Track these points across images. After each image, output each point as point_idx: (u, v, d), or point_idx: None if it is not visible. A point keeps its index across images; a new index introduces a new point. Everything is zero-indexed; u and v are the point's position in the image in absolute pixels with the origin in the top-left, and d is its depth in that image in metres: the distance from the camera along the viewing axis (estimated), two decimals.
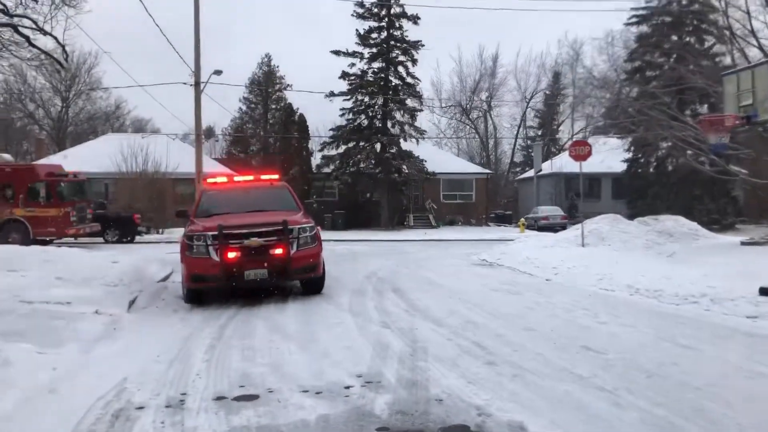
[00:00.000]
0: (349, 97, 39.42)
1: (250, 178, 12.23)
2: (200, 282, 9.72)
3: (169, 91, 56.17)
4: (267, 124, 50.26)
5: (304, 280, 10.48)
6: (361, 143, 39.24)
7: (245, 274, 9.59)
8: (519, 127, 59.39)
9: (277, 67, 50.43)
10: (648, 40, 35.38)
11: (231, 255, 9.54)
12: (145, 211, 30.67)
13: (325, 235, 32.35)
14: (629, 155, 37.72)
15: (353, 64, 39.43)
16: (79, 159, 39.20)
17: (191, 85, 30.80)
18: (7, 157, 26.88)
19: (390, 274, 13.48)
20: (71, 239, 24.09)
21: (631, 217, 22.54)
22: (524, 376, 5.55)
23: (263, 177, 12.18)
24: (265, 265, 9.65)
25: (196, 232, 9.80)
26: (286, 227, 9.72)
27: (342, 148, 39.50)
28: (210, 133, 55.98)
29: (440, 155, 45.76)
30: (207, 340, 7.41)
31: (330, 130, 40.20)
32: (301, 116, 41.22)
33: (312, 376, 5.71)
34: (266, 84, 50.48)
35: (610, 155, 33.65)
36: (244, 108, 50.79)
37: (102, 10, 20.73)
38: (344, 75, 39.30)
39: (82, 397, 5.04)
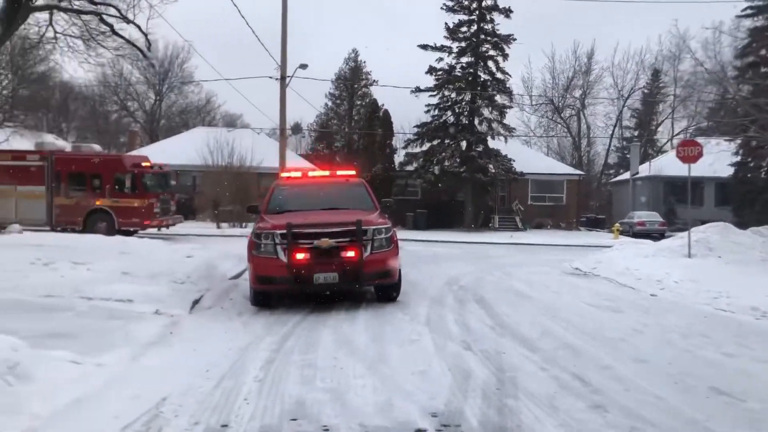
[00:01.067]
0: (435, 92, 38.34)
1: (326, 173, 11.43)
2: (266, 284, 8.97)
3: (257, 87, 56.69)
4: (351, 120, 49.92)
5: (378, 286, 9.55)
6: (447, 141, 38.08)
7: (314, 277, 8.76)
8: (614, 127, 56.38)
9: (364, 62, 49.99)
10: (763, 33, 32.38)
11: (299, 256, 8.73)
12: (227, 203, 30.77)
13: (405, 234, 31.51)
14: (737, 159, 34.77)
15: (441, 59, 38.31)
16: (168, 151, 40.06)
17: (277, 79, 30.64)
18: (96, 147, 27.44)
19: (473, 282, 12.37)
20: (154, 230, 24.28)
21: (737, 226, 20.37)
22: None
23: (339, 173, 11.35)
24: (336, 268, 8.79)
25: (264, 230, 9.05)
26: (359, 228, 8.82)
27: (426, 146, 38.49)
28: (297, 128, 56.30)
29: (529, 154, 43.90)
30: (265, 353, 6.59)
31: (414, 126, 39.23)
32: (386, 112, 40.48)
33: (377, 411, 4.75)
34: (352, 80, 50.14)
35: (715, 158, 31.05)
36: (329, 104, 50.67)
37: (190, 1, 20.56)
38: (431, 70, 38.24)
39: (102, 427, 4.28)
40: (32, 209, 23.65)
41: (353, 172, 11.50)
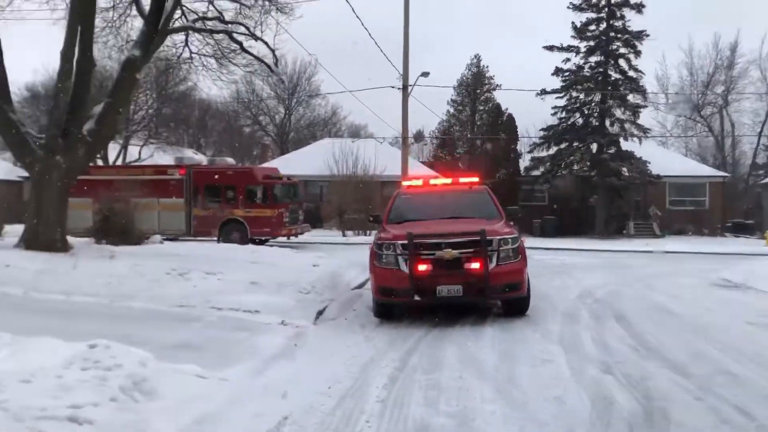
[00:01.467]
0: (562, 94, 36.93)
1: (448, 181, 11.06)
2: (388, 295, 8.73)
3: (380, 97, 57.26)
4: (474, 126, 49.23)
5: (506, 300, 9.03)
6: (575, 143, 36.54)
7: (437, 290, 8.41)
8: (763, 125, 51.70)
9: (486, 67, 49.16)
10: None
11: (422, 267, 8.42)
12: (352, 212, 31.20)
13: (532, 242, 30.45)
14: None
15: (567, 59, 36.85)
16: (296, 162, 41.40)
17: (399, 89, 30.74)
18: (230, 160, 28.75)
19: (609, 295, 11.49)
20: (284, 238, 25.01)
21: None
22: None
23: (462, 180, 10.95)
24: (460, 280, 8.40)
25: (386, 240, 8.83)
26: (484, 238, 8.37)
27: (553, 150, 37.12)
28: (419, 136, 56.37)
29: (666, 156, 41.10)
30: (388, 369, 6.32)
31: (540, 130, 37.94)
32: (510, 116, 39.55)
33: None
34: (474, 85, 49.45)
35: None
36: (451, 110, 50.26)
37: (313, 16, 20.97)
38: (557, 71, 36.86)
39: None
40: (173, 220, 25.13)
41: (476, 179, 11.07)
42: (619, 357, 6.68)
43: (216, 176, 25.13)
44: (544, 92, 37.04)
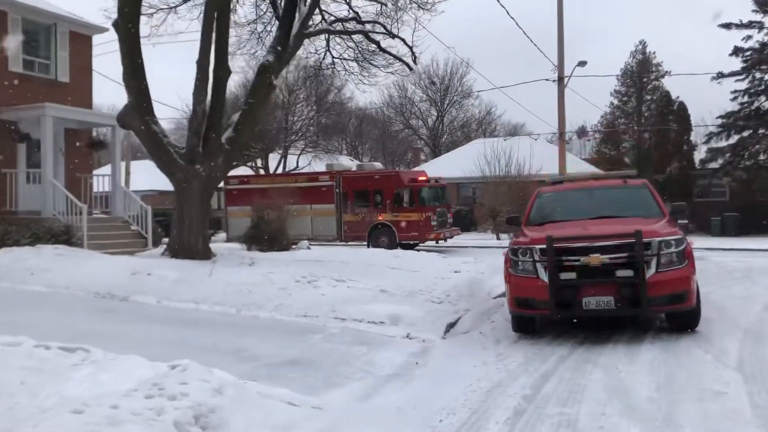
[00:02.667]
0: (743, 76, 32.95)
1: (599, 176, 9.74)
2: (526, 308, 7.68)
3: (537, 93, 54.99)
4: (641, 117, 45.56)
5: (669, 314, 7.60)
6: (761, 131, 32.42)
7: (583, 301, 7.23)
8: None
9: (653, 53, 45.35)
10: None
11: (564, 276, 7.28)
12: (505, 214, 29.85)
13: (709, 242, 27.35)
14: None
15: (749, 37, 32.83)
16: (449, 165, 40.80)
17: (554, 81, 29.17)
18: (378, 165, 28.70)
19: None
20: (433, 242, 24.44)
21: None
22: None
23: (615, 174, 9.58)
24: (611, 291, 7.16)
25: (522, 244, 7.79)
26: (639, 240, 7.06)
27: (734, 138, 33.23)
28: (582, 132, 53.45)
29: None
30: (514, 400, 5.35)
31: (717, 117, 34.02)
32: (681, 104, 36.03)
33: None
34: (640, 73, 45.80)
35: None
36: (615, 102, 46.92)
37: (460, 12, 20.22)
38: (736, 51, 32.93)
39: None
40: (324, 225, 25.53)
41: (633, 173, 9.64)
42: None
43: (364, 181, 25.16)
44: (721, 75, 33.28)
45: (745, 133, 32.92)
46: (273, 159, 38.49)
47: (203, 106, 11.88)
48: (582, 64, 28.07)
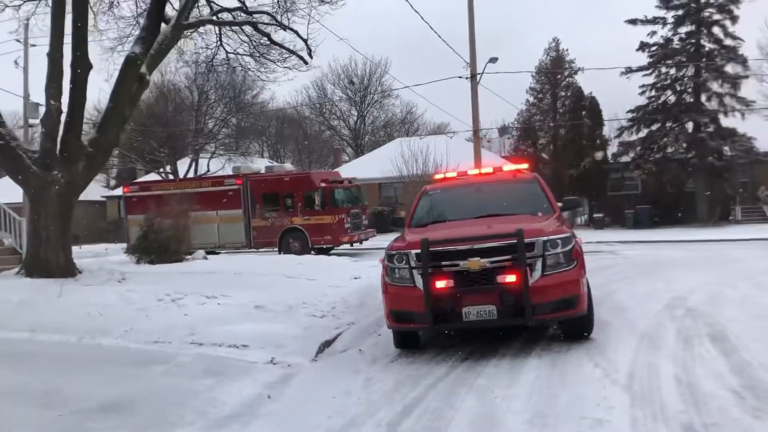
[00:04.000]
0: (650, 71, 33.52)
1: (488, 170, 9.00)
2: (404, 322, 6.80)
3: (457, 92, 54.75)
4: (556, 113, 46.05)
5: (559, 321, 6.87)
6: (668, 124, 33.08)
7: (463, 312, 6.40)
8: None
9: (566, 50, 45.87)
10: None
11: (441, 284, 6.43)
12: None
13: (623, 235, 27.51)
14: None
15: (653, 32, 33.43)
16: (369, 165, 40.04)
17: (467, 78, 28.75)
18: (288, 166, 27.56)
19: (707, 301, 9.03)
20: (348, 246, 23.52)
21: None
22: None
23: (507, 168, 8.87)
24: (493, 298, 6.35)
25: (398, 249, 6.90)
26: (521, 240, 6.29)
27: (643, 132, 33.77)
28: (504, 130, 53.80)
29: None
30: None
31: (627, 112, 34.47)
32: (593, 100, 36.41)
33: None
34: (554, 70, 46.29)
35: None
36: (530, 99, 47.30)
37: (373, 10, 19.34)
38: (643, 46, 33.48)
39: None
40: (232, 232, 24.16)
41: (525, 166, 8.97)
42: (713, 411, 4.48)
43: (273, 184, 23.96)
44: (629, 70, 33.72)
45: (654, 127, 33.49)
46: (185, 164, 36.62)
47: (57, 104, 10.51)
48: (493, 60, 27.81)
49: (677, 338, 6.79)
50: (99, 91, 14.06)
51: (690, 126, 32.47)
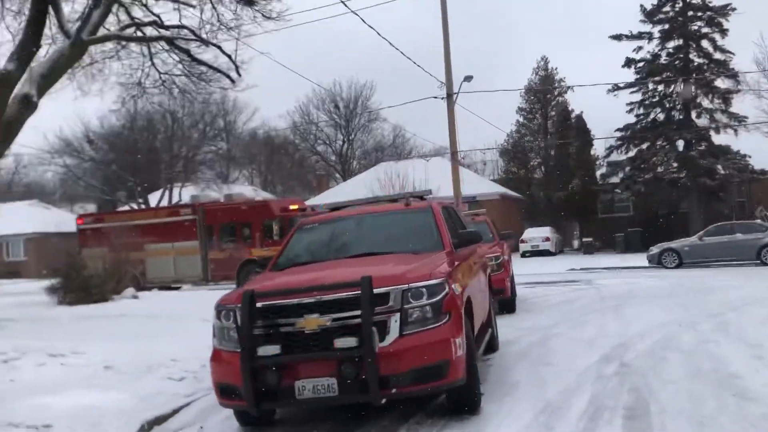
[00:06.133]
0: (637, 88, 32.29)
1: (376, 201, 7.56)
2: (229, 398, 5.27)
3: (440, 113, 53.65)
4: (547, 134, 44.80)
5: (430, 394, 5.33)
6: (658, 142, 31.79)
7: (296, 387, 4.89)
8: None
9: (555, 69, 44.88)
10: None
11: (265, 350, 4.92)
12: None
13: (611, 260, 25.87)
14: None
15: (639, 48, 32.29)
16: (351, 190, 38.63)
17: (442, 98, 27.59)
18: (246, 194, 26.25)
19: (650, 352, 7.45)
20: None
21: None
22: None
23: (405, 198, 7.43)
24: (331, 369, 4.84)
25: (225, 303, 5.40)
26: (366, 291, 4.80)
27: (632, 152, 32.43)
28: (505, 152, 52.40)
29: None
30: None
31: (616, 131, 33.15)
32: (579, 118, 35.16)
33: None
34: (544, 90, 45.15)
35: None
36: (520, 119, 46.08)
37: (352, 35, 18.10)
38: (629, 62, 32.37)
39: None
40: (189, 265, 22.75)
41: (427, 192, 7.53)
42: None
43: (230, 213, 22.60)
44: (617, 88, 32.59)
45: (644, 146, 32.15)
46: (154, 195, 35.38)
47: None
48: (468, 79, 26.74)
49: (585, 412, 5.23)
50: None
51: (681, 144, 31.15)
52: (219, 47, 13.36)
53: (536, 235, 32.76)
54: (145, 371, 7.34)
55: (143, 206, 34.84)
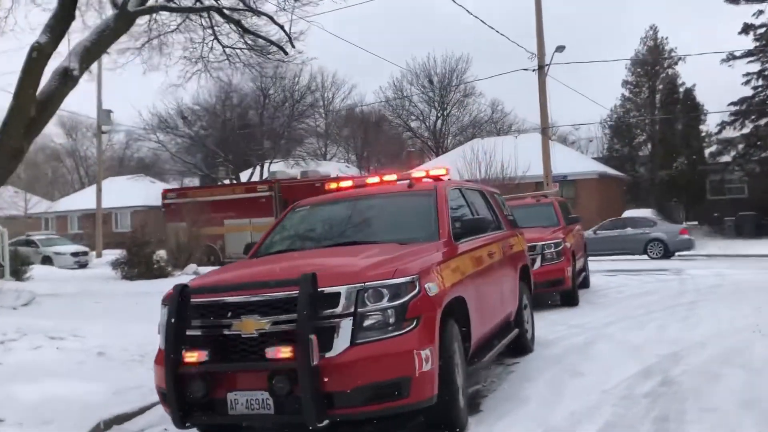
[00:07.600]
0: (755, 57, 29.06)
1: (375, 180, 6.69)
2: (165, 405, 4.66)
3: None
4: (654, 109, 41.57)
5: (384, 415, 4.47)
6: None
7: (228, 399, 4.20)
8: None
9: (665, 38, 41.38)
10: None
11: (193, 356, 4.25)
12: None
13: (715, 247, 23.60)
14: None
15: (760, 12, 28.96)
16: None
17: (533, 70, 26.25)
18: (322, 171, 25.88)
19: (705, 366, 6.20)
20: None
21: None
22: None
23: (414, 176, 6.55)
24: (265, 382, 4.10)
25: (167, 297, 4.77)
26: (305, 291, 4.02)
27: (748, 127, 29.35)
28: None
29: None
30: None
31: (729, 104, 30.01)
32: (687, 91, 32.21)
33: None
34: (652, 62, 41.82)
35: None
36: (626, 93, 42.99)
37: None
38: (746, 28, 29.14)
39: None
40: None
41: (439, 173, 6.60)
42: None
43: (305, 190, 22.31)
44: (732, 57, 29.49)
45: (762, 121, 29.00)
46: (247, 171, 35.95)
47: None
48: (560, 49, 25.18)
49: None
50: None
51: None
52: (270, 17, 12.82)
53: None
54: (138, 360, 6.95)
55: (235, 182, 35.58)
